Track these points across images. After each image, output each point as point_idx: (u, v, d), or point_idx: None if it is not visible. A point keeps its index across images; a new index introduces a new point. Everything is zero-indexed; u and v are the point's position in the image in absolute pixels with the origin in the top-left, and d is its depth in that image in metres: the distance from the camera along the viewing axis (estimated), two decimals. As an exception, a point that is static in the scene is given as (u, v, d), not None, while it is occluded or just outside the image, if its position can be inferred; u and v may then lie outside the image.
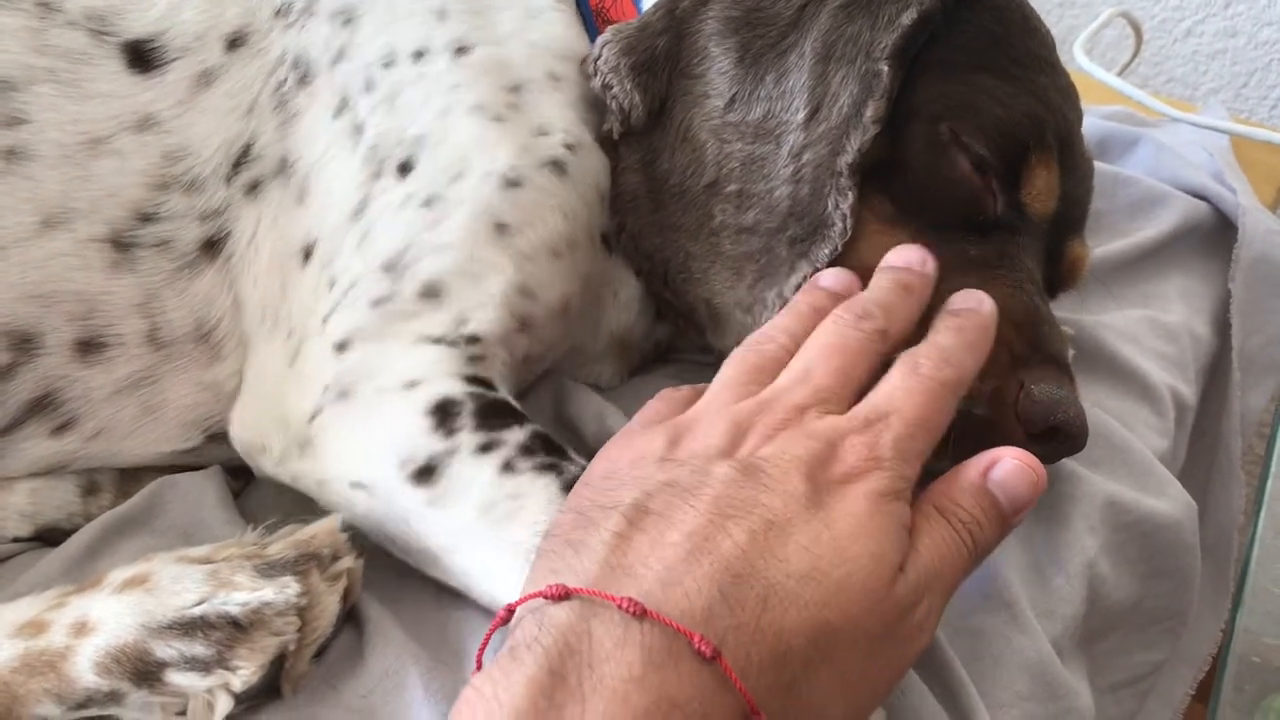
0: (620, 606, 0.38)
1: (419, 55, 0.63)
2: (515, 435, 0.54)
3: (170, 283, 0.60)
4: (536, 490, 0.52)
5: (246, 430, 0.60)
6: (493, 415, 0.55)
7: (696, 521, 0.41)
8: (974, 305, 0.53)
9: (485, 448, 0.53)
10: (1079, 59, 1.07)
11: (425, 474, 0.53)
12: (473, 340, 0.58)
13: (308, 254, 0.60)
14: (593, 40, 0.67)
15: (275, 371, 0.59)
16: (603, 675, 0.37)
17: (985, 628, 0.57)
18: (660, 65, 0.65)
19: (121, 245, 0.59)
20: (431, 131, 0.61)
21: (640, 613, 0.38)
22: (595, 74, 0.65)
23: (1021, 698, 0.56)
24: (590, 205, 0.64)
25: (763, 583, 0.40)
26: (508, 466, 0.53)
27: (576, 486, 0.47)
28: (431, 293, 0.58)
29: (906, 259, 0.55)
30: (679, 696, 0.37)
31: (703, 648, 0.38)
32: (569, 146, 0.63)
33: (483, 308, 0.58)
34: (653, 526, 0.42)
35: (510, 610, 0.41)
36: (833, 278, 0.56)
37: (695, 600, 0.39)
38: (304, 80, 0.63)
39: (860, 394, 0.49)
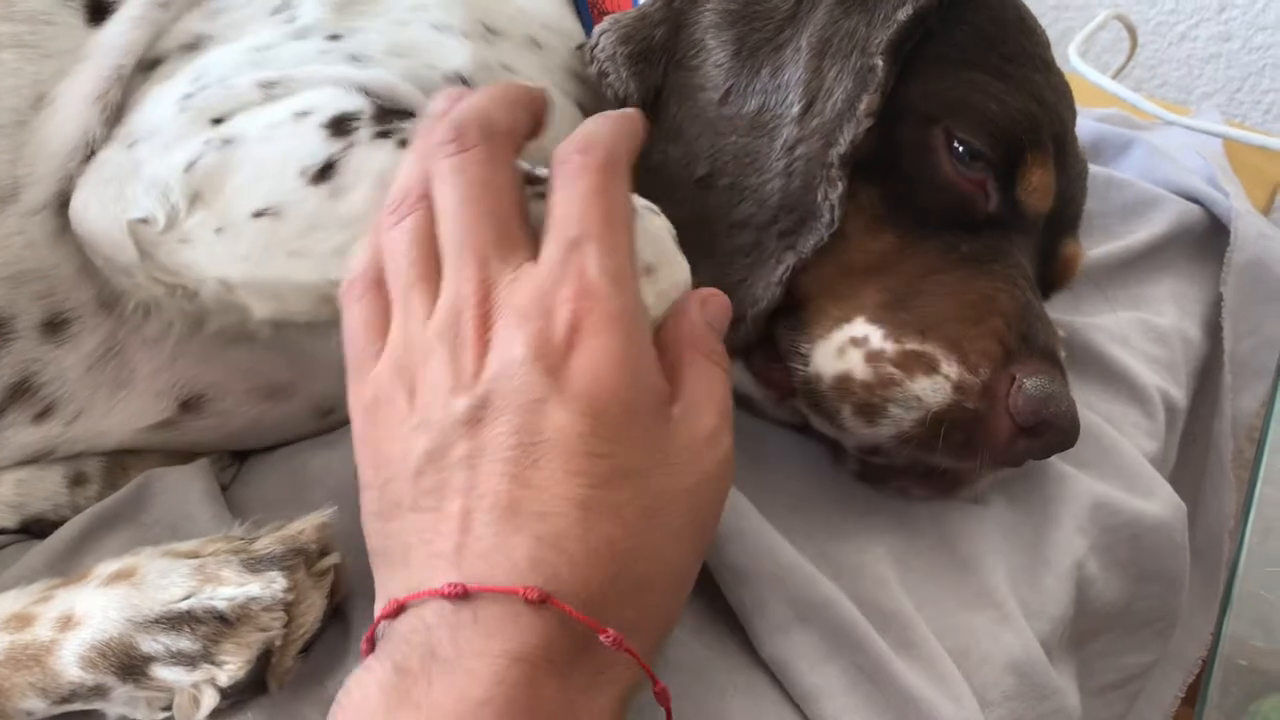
0: (444, 595, 0.40)
1: None
2: (414, 123, 0.52)
3: None
4: None
5: (106, 219, 0.53)
6: (392, 115, 0.53)
7: (475, 482, 0.42)
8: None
9: (382, 135, 0.52)
10: (1074, 61, 1.07)
11: (325, 172, 0.51)
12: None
13: (168, 77, 0.56)
14: (585, 27, 0.67)
15: (110, 157, 0.54)
16: (446, 659, 0.39)
17: (973, 625, 0.57)
18: (657, 56, 0.65)
19: (60, 208, 0.56)
20: (380, 28, 0.58)
21: (462, 593, 0.39)
22: (592, 61, 0.64)
23: (1008, 697, 0.56)
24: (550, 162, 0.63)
25: (563, 504, 0.41)
26: (404, 144, 0.51)
27: (363, 493, 0.47)
28: (342, 82, 0.54)
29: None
30: (522, 650, 0.39)
31: (528, 595, 0.39)
32: None
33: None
34: (444, 504, 0.42)
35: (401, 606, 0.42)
36: (441, 100, 0.51)
37: (513, 555, 0.40)
38: None
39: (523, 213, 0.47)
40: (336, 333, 0.51)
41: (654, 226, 0.51)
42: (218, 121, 0.53)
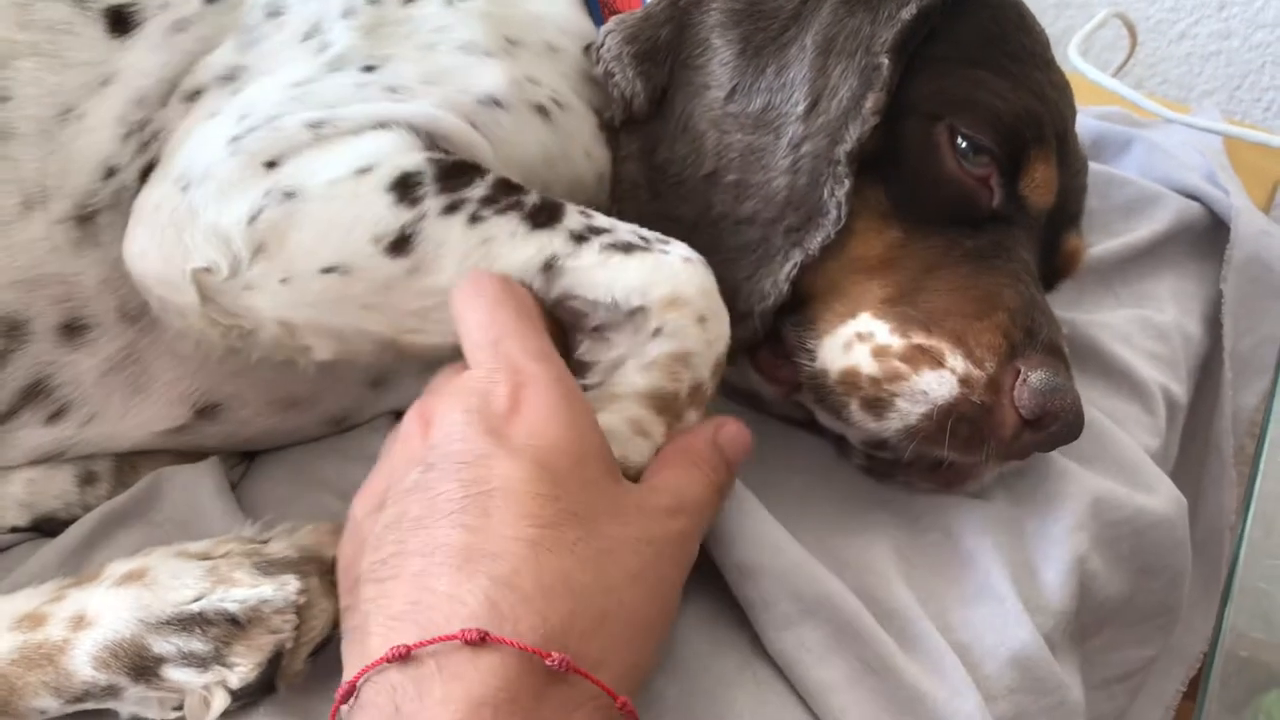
0: (388, 659, 0.41)
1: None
2: (477, 190, 0.54)
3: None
4: (501, 228, 0.54)
5: (166, 265, 0.54)
6: (454, 175, 0.54)
7: (429, 540, 0.44)
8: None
9: (451, 208, 0.53)
10: (1074, 59, 1.07)
11: (400, 245, 0.53)
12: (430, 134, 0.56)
13: (212, 114, 0.57)
14: (597, 26, 0.67)
15: (163, 199, 0.55)
16: (412, 714, 0.40)
17: (976, 620, 0.58)
18: (662, 55, 0.65)
19: (84, 219, 0.57)
20: (410, 55, 0.59)
21: (405, 654, 0.40)
22: (598, 61, 0.65)
23: (1012, 690, 0.56)
24: (574, 167, 0.64)
25: (515, 544, 0.43)
26: (474, 219, 0.53)
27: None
28: (382, 125, 0.55)
29: None
30: (484, 694, 0.40)
31: (467, 637, 0.40)
32: (557, 103, 0.62)
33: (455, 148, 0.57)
34: (401, 570, 0.44)
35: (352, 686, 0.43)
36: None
37: (468, 601, 0.41)
38: (273, 14, 0.60)
39: None
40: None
41: (702, 278, 0.55)
42: (271, 165, 0.54)
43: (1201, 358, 0.86)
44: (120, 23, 0.59)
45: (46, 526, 0.61)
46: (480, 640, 0.40)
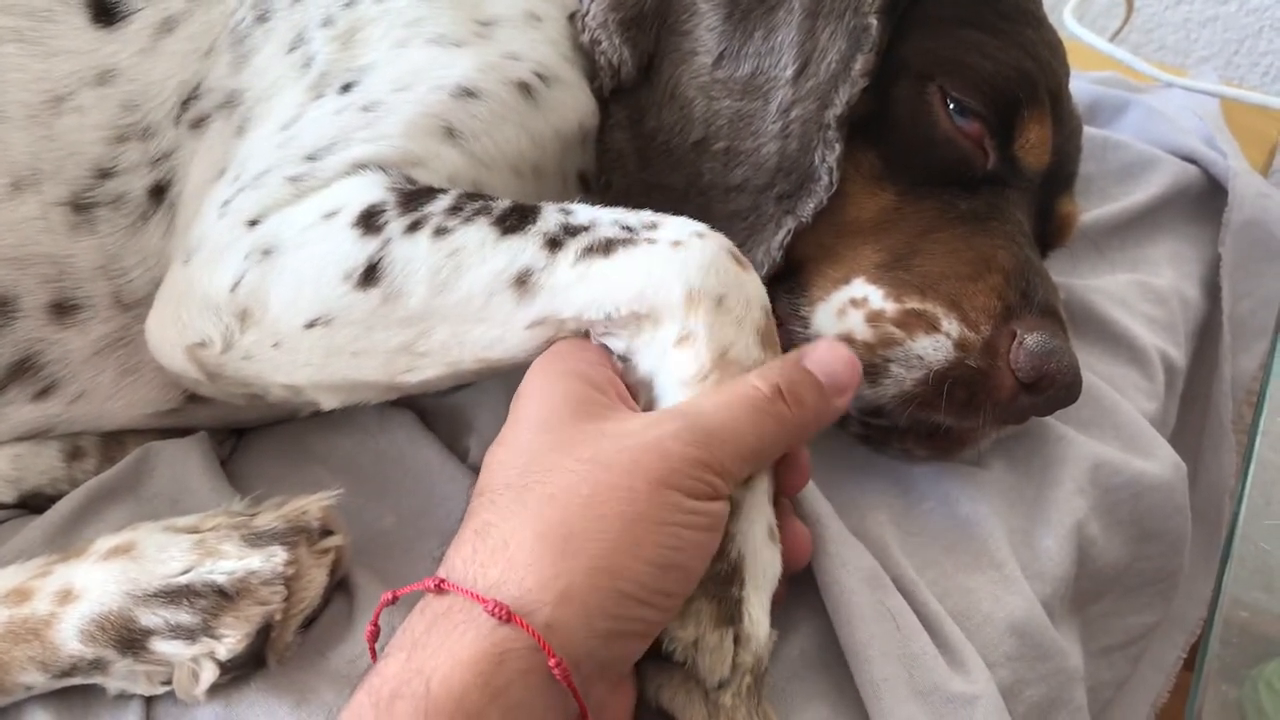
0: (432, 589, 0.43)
1: None
2: (439, 204, 0.53)
3: (125, 242, 0.59)
4: (469, 238, 0.51)
5: (169, 344, 0.56)
6: (414, 199, 0.53)
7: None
8: None
9: (414, 226, 0.52)
10: (1069, 24, 1.06)
11: (369, 275, 0.52)
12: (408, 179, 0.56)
13: (222, 173, 0.58)
14: None
15: (173, 276, 0.57)
16: (436, 647, 0.41)
17: (974, 587, 0.57)
18: (649, 21, 0.64)
19: (80, 207, 0.58)
20: (384, 59, 0.59)
21: (438, 585, 0.43)
22: (584, 29, 0.64)
23: (1010, 658, 0.56)
24: (566, 140, 0.63)
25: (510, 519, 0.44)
26: (439, 231, 0.52)
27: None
28: (360, 166, 0.55)
29: None
30: (488, 650, 0.40)
31: (496, 612, 0.41)
32: (541, 76, 0.61)
33: (427, 173, 0.56)
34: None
35: (395, 596, 0.45)
36: None
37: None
38: (262, 19, 0.61)
39: None
40: None
41: (699, 255, 0.50)
42: (253, 223, 0.54)
43: (1200, 322, 0.86)
44: (104, 13, 0.59)
45: (33, 503, 0.60)
46: (497, 614, 0.41)
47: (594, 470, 0.44)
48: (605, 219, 0.52)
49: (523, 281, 0.50)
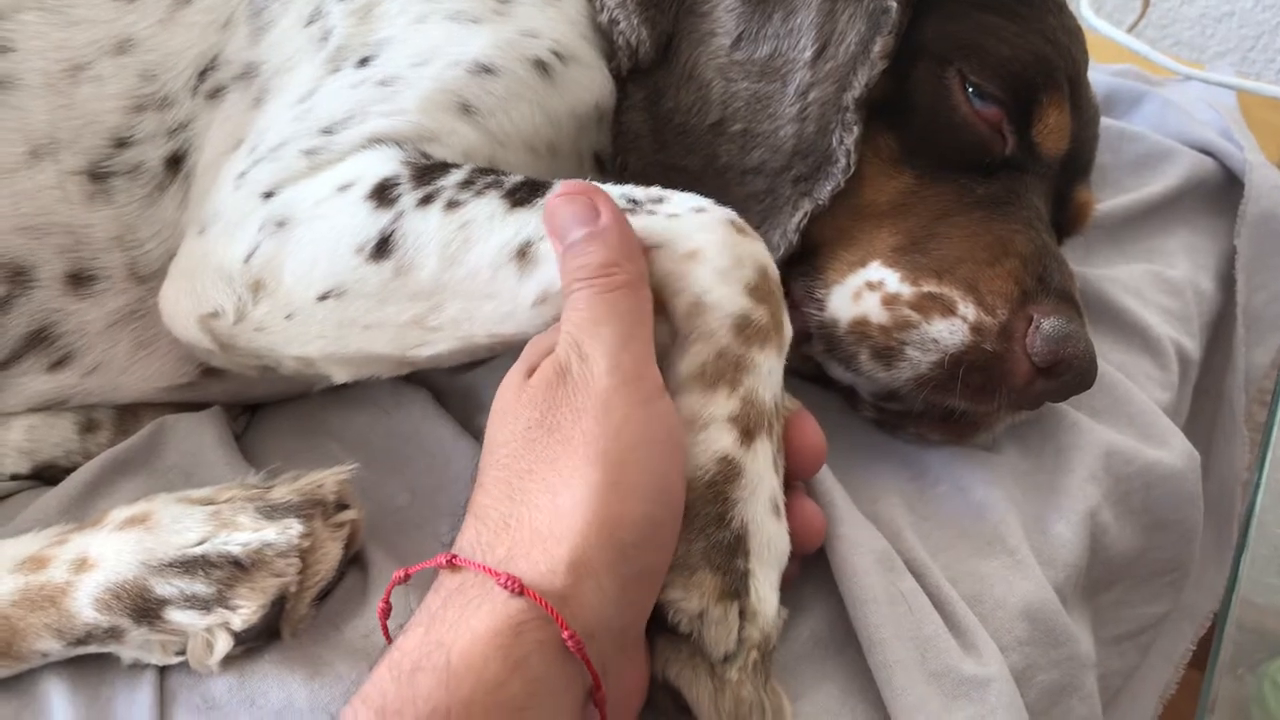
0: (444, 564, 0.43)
1: None
2: (453, 178, 0.53)
3: (142, 213, 0.59)
4: (479, 210, 0.52)
5: (182, 315, 0.56)
6: (428, 173, 0.54)
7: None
8: None
9: (426, 199, 0.52)
10: (1087, 15, 1.06)
11: (382, 248, 0.52)
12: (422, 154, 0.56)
13: (239, 144, 0.58)
14: None
15: (188, 247, 0.57)
16: (454, 621, 0.41)
17: (987, 572, 0.57)
18: (668, 2, 0.64)
19: (97, 177, 0.58)
20: (402, 34, 0.59)
21: (450, 561, 0.43)
22: (602, 9, 0.64)
23: (1021, 642, 0.56)
24: (582, 120, 0.63)
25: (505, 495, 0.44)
26: (451, 204, 0.52)
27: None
28: (375, 141, 0.56)
29: None
30: (505, 623, 0.41)
31: (509, 585, 0.41)
32: (558, 55, 0.61)
33: (442, 148, 0.56)
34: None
35: (408, 574, 0.45)
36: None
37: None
38: None
39: None
40: None
41: (696, 224, 0.50)
42: (268, 195, 0.55)
43: (1214, 314, 0.85)
44: None
45: (47, 474, 0.61)
46: (507, 587, 0.41)
47: (550, 437, 0.45)
48: (614, 193, 0.52)
49: (523, 253, 0.50)
